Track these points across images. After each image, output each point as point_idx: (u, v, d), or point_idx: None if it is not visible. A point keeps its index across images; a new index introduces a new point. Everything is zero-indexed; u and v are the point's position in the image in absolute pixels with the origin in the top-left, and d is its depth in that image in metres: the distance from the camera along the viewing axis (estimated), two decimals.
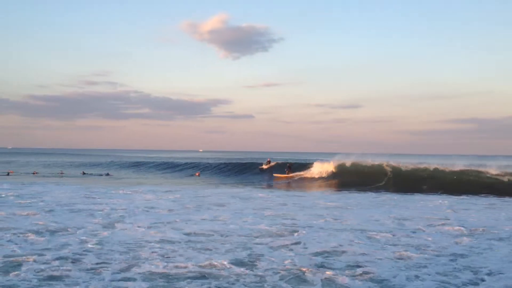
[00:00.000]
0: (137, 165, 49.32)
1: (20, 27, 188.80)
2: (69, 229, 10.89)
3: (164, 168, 45.25)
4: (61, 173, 38.18)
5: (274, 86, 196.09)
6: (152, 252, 8.64)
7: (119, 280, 6.87)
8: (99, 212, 13.93)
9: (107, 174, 37.87)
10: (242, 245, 9.42)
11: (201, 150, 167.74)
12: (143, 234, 10.50)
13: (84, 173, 38.51)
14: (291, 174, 32.68)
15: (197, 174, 38.61)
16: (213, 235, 10.53)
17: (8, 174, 35.51)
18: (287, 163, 35.30)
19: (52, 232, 10.45)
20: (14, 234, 10.11)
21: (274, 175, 33.46)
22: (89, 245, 9.15)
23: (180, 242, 9.65)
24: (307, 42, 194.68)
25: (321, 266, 7.90)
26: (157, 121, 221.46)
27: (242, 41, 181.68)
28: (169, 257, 8.28)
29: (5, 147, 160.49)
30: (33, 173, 37.88)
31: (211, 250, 8.97)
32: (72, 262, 7.84)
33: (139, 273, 7.23)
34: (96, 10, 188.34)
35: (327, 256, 8.58)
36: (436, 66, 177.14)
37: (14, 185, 23.48)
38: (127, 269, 7.48)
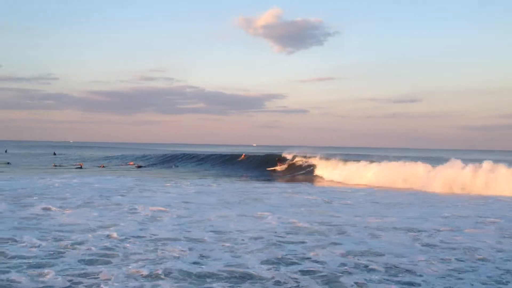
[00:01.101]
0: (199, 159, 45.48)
1: (80, 25, 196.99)
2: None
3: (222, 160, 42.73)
4: (102, 166, 39.46)
5: (329, 81, 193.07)
6: (182, 250, 8.54)
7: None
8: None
9: (139, 167, 38.83)
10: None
11: (254, 145, 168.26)
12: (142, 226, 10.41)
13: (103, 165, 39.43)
14: (283, 165, 33.44)
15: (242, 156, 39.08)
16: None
17: (80, 168, 37.21)
18: (277, 157, 35.48)
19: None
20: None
21: (268, 169, 33.56)
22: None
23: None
24: (363, 35, 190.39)
25: (361, 267, 7.49)
26: (211, 116, 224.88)
27: (296, 36, 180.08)
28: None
29: (67, 141, 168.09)
30: (100, 166, 39.42)
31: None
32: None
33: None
34: (152, 8, 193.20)
35: (367, 257, 8.14)
36: (496, 60, 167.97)
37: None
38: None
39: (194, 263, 7.50)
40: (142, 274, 6.80)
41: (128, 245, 8.63)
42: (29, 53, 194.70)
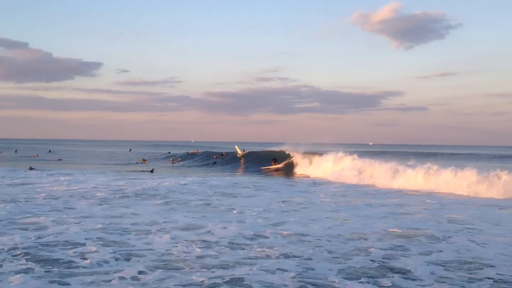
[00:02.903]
0: None
1: (198, 30, 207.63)
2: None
3: None
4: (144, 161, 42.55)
5: (451, 76, 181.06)
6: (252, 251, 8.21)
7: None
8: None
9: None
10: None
11: (371, 143, 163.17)
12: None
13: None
14: (278, 165, 32.34)
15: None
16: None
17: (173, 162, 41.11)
18: (272, 157, 34.17)
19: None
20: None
21: (262, 168, 32.66)
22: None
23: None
24: (489, 27, 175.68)
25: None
26: (326, 115, 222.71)
27: (415, 30, 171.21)
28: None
29: (189, 140, 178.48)
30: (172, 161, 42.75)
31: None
32: None
33: None
34: (266, 8, 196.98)
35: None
36: None
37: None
38: None
39: None
40: None
41: None
42: (154, 58, 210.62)
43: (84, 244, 8.37)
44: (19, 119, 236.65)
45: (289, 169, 30.98)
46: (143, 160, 44.06)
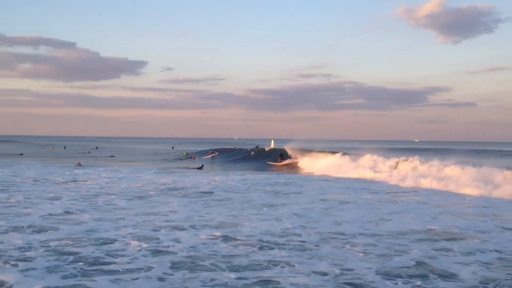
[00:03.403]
0: None
1: (241, 27, 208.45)
2: None
3: None
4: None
5: (501, 71, 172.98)
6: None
7: None
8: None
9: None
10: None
11: (416, 140, 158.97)
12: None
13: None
14: (284, 162, 33.10)
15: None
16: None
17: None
18: (279, 152, 35.37)
19: None
20: None
21: (268, 162, 33.77)
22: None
23: None
24: None
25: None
26: (370, 112, 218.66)
27: (463, 24, 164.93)
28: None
29: (232, 137, 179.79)
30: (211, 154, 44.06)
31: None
32: None
33: None
34: (309, 6, 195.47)
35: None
36: None
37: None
38: None
39: None
40: None
41: None
42: (198, 56, 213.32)
43: (114, 241, 8.38)
44: (67, 117, 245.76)
45: (330, 168, 30.58)
46: (186, 154, 45.36)
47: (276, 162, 33.68)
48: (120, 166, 32.01)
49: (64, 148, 68.45)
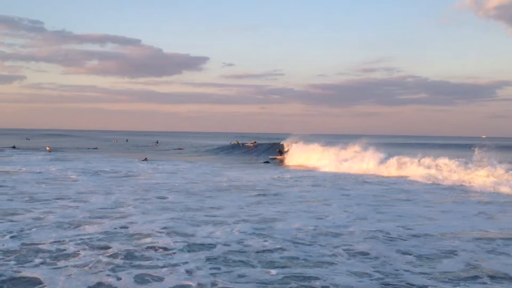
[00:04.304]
0: None
1: (301, 23, 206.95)
2: None
3: None
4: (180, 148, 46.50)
5: None
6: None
7: None
8: None
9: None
10: None
11: (484, 136, 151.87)
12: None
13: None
14: (282, 156, 33.54)
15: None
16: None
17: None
18: (278, 148, 36.29)
19: None
20: None
21: (270, 157, 34.16)
22: None
23: None
24: None
25: None
26: (434, 107, 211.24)
27: None
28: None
29: (290, 133, 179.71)
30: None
31: None
32: None
33: None
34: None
35: None
36: None
37: None
38: None
39: None
40: None
41: None
42: (258, 51, 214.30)
43: (149, 235, 8.33)
44: (131, 112, 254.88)
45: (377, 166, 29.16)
46: (236, 141, 45.51)
47: (277, 156, 33.79)
48: (185, 160, 32.50)
49: (126, 141, 72.01)
